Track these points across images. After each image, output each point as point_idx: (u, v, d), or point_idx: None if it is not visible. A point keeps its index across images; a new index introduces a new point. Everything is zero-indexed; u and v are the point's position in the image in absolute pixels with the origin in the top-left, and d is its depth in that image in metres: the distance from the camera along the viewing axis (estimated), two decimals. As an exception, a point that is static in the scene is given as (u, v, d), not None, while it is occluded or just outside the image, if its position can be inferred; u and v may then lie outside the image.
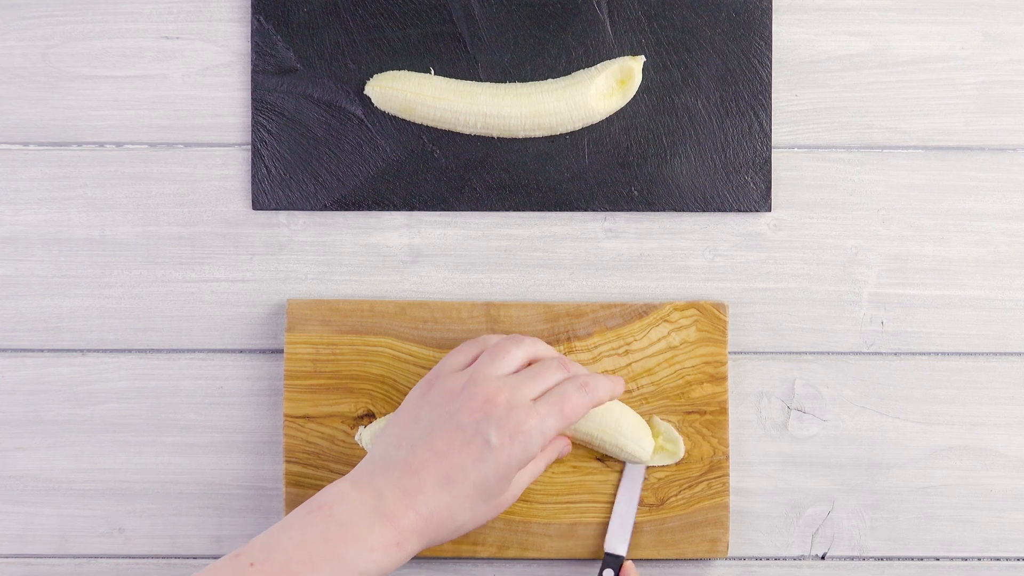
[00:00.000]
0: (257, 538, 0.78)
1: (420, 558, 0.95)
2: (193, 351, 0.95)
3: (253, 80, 0.95)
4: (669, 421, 0.94)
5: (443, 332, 0.94)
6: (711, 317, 0.94)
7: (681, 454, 0.92)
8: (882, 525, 0.95)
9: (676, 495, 0.93)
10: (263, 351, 0.95)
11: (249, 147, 0.95)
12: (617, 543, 0.91)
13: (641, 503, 0.93)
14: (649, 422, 0.93)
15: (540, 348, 0.87)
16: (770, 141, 0.94)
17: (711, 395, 0.93)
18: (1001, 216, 0.95)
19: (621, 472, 0.92)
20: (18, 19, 0.95)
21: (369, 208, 0.95)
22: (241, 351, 0.95)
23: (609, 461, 0.93)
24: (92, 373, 0.95)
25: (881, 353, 0.95)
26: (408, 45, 0.96)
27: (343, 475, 0.92)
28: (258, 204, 0.95)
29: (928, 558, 0.95)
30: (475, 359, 0.86)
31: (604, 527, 0.93)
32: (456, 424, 0.81)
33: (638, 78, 0.91)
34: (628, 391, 0.94)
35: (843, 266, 0.95)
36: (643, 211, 0.95)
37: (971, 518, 0.95)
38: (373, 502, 0.80)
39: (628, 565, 0.89)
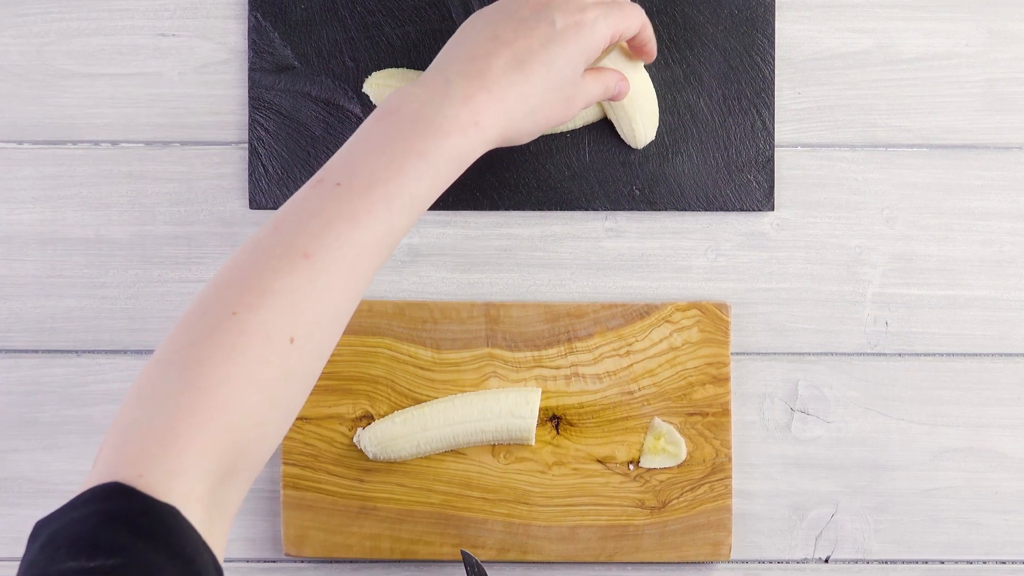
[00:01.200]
0: (333, 158, 0.77)
1: (420, 560, 0.94)
2: (190, 352, 0.95)
3: (250, 78, 0.95)
4: (671, 423, 0.94)
5: (442, 333, 0.94)
6: (713, 317, 0.94)
7: (683, 456, 0.92)
8: (886, 528, 0.95)
9: (678, 497, 0.94)
10: None
11: (246, 146, 0.95)
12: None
13: (642, 505, 0.94)
14: (650, 424, 0.93)
15: None
16: (773, 139, 0.95)
17: (713, 396, 0.94)
18: (1007, 215, 0.95)
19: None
20: (13, 16, 0.95)
21: (367, 207, 0.94)
22: None
23: (611, 463, 0.93)
24: (88, 374, 0.95)
25: (885, 354, 0.95)
26: (407, 43, 0.96)
27: (342, 477, 0.93)
28: (255, 203, 0.96)
29: (933, 561, 0.95)
30: None
31: (606, 530, 0.93)
32: (518, 17, 0.82)
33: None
34: (629, 392, 0.94)
35: (847, 266, 0.95)
36: (644, 210, 0.95)
37: (976, 520, 0.95)
38: (442, 90, 0.79)
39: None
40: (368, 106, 0.96)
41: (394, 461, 0.93)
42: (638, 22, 0.85)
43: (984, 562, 0.95)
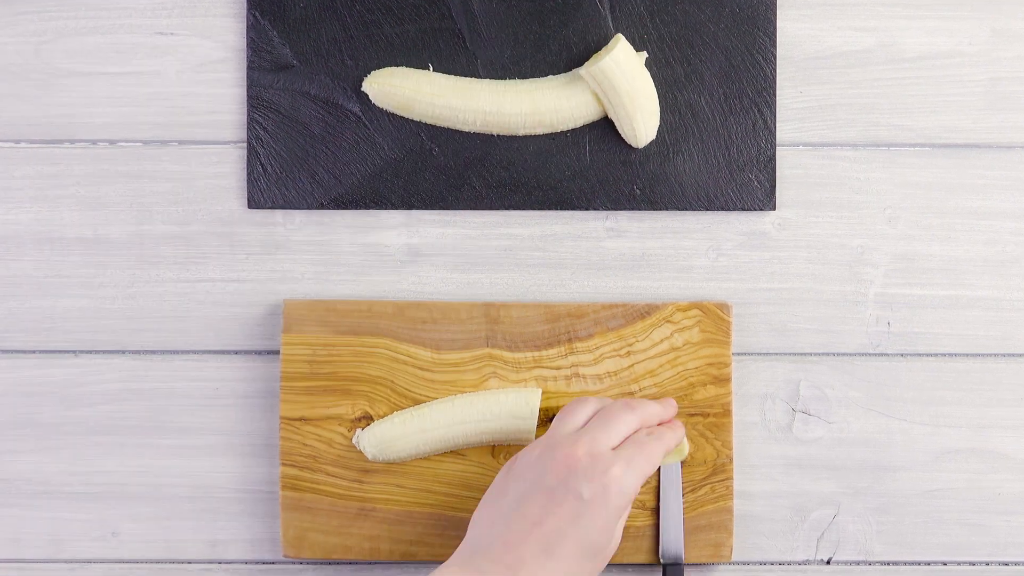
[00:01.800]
0: None
1: (419, 562, 0.95)
2: (188, 352, 0.95)
3: (249, 77, 0.95)
4: None
5: (442, 333, 0.94)
6: (714, 318, 0.94)
7: (687, 452, 0.92)
8: (888, 529, 0.95)
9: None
10: (259, 352, 0.96)
11: (245, 145, 0.95)
12: (674, 549, 0.91)
13: (643, 507, 0.94)
14: None
15: (604, 402, 0.88)
16: (775, 139, 0.95)
17: (715, 397, 0.94)
18: (1010, 215, 0.95)
19: (657, 474, 0.92)
20: (11, 15, 0.95)
21: (367, 207, 0.95)
22: (236, 352, 0.96)
23: None
24: (86, 374, 0.95)
25: (887, 354, 0.95)
26: (406, 41, 0.96)
27: (340, 478, 0.93)
28: (254, 203, 0.96)
29: (935, 563, 0.95)
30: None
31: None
32: (544, 488, 0.81)
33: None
34: (630, 393, 0.94)
35: (849, 266, 0.95)
36: (645, 210, 0.95)
37: (979, 522, 0.95)
38: None
39: None
40: (367, 105, 0.96)
41: (393, 462, 0.93)
42: (669, 447, 0.86)
43: (987, 563, 0.95)
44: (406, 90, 0.93)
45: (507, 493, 0.82)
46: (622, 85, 0.90)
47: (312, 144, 0.95)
